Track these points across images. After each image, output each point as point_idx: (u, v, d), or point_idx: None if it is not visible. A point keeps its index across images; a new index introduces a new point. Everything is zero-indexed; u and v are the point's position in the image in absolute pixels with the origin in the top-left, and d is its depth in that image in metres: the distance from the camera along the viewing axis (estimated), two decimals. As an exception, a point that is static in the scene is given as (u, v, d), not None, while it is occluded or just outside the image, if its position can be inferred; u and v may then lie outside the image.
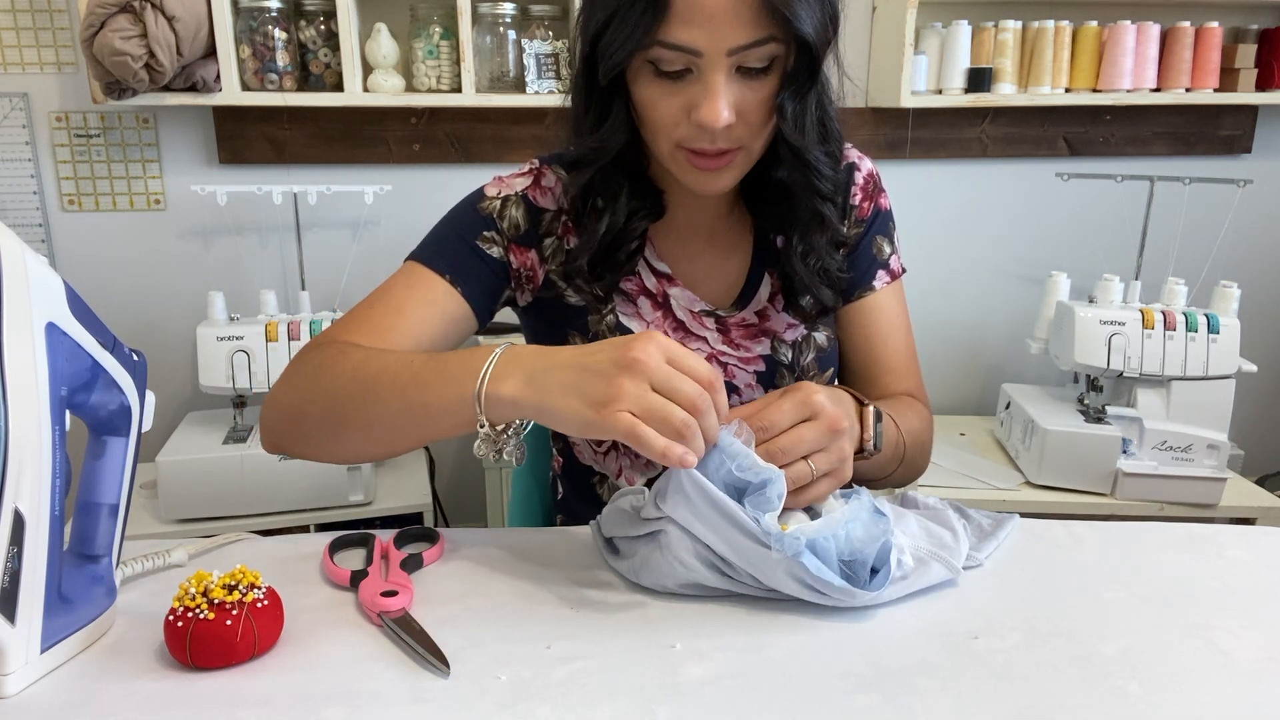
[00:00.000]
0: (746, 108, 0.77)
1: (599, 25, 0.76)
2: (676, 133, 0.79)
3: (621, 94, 0.81)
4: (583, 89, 0.82)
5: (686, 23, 0.72)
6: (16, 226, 1.92)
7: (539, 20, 1.89)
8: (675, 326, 0.93)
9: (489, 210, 0.91)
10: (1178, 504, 1.77)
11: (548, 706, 0.56)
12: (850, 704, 0.56)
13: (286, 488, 1.70)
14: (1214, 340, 1.74)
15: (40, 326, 0.55)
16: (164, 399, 2.03)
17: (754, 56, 0.74)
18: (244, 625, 0.59)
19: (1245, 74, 2.06)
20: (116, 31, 1.60)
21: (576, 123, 0.85)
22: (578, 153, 0.86)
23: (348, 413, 0.75)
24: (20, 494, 0.54)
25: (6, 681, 0.56)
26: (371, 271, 2.04)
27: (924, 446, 0.95)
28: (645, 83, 0.78)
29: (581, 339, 0.92)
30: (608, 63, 0.77)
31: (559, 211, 0.92)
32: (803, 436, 0.68)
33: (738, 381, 0.93)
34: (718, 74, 0.74)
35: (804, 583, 0.64)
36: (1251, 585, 0.72)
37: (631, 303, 0.92)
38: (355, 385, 0.75)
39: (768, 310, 0.94)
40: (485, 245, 0.90)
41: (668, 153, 0.82)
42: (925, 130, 2.14)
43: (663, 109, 0.78)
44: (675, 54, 0.74)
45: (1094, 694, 0.58)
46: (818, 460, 0.69)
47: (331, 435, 0.77)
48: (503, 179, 0.94)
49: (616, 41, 0.75)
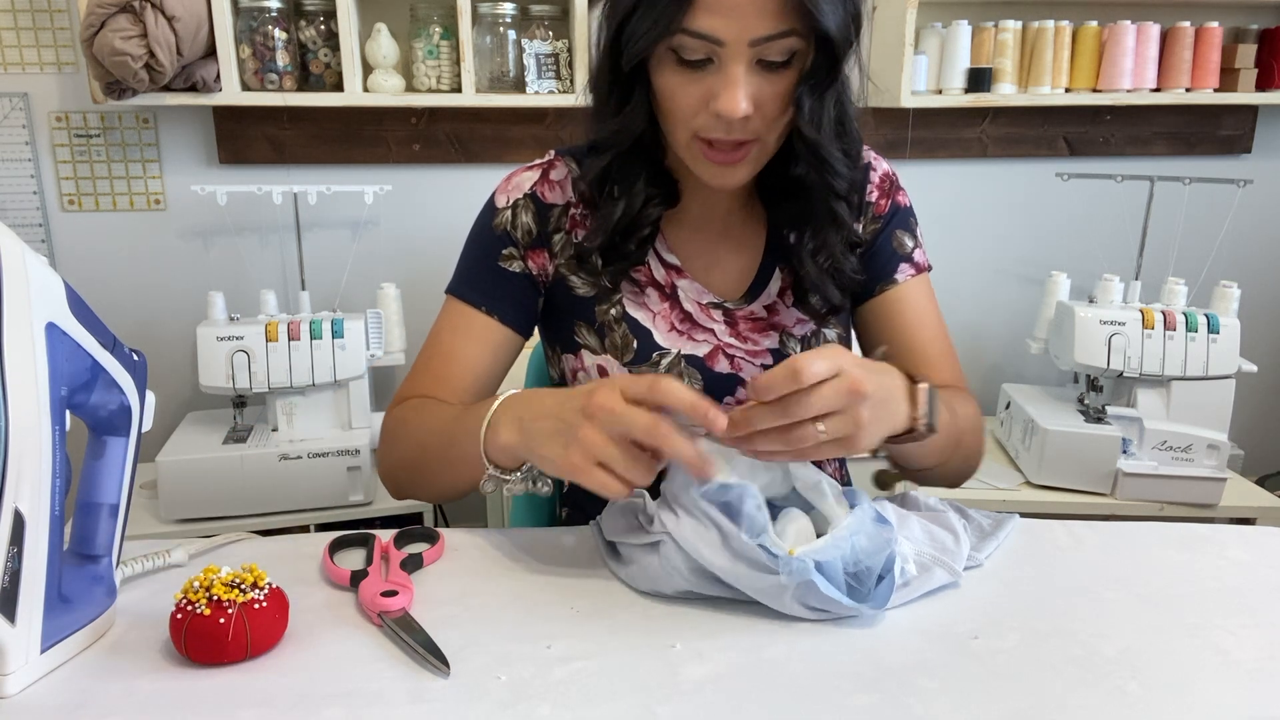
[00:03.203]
0: (764, 100, 0.78)
1: (625, 11, 0.77)
2: (695, 122, 0.80)
3: (643, 82, 0.82)
4: (605, 75, 0.84)
5: (711, 12, 0.73)
6: (16, 226, 1.92)
7: (539, 20, 1.89)
8: (683, 318, 0.93)
9: (502, 227, 0.93)
10: (1178, 504, 1.76)
11: (548, 706, 0.56)
12: (850, 704, 0.56)
13: (286, 488, 1.70)
14: (1214, 340, 1.74)
15: (40, 326, 0.55)
16: (164, 399, 2.03)
17: (775, 49, 0.75)
18: (236, 625, 0.59)
19: (1245, 74, 2.06)
20: (116, 31, 1.60)
21: (597, 109, 0.87)
22: (597, 137, 0.87)
23: (422, 469, 0.85)
24: (20, 494, 0.54)
25: (6, 681, 0.56)
26: (371, 271, 2.04)
27: (979, 437, 0.92)
28: (667, 71, 0.79)
29: (588, 328, 0.93)
30: (632, 49, 0.78)
31: (566, 205, 0.93)
32: (822, 394, 0.65)
33: (745, 374, 0.93)
34: (738, 64, 0.75)
35: (809, 605, 0.64)
36: (1251, 585, 0.72)
37: (640, 293, 0.93)
38: (419, 448, 0.85)
39: (777, 305, 0.95)
40: (506, 264, 0.93)
41: (684, 142, 0.83)
42: (925, 130, 2.14)
43: (682, 98, 0.79)
44: (698, 42, 0.75)
45: (1094, 694, 0.58)
46: (831, 423, 0.66)
47: (424, 486, 0.88)
48: (511, 179, 0.95)
49: (642, 28, 0.76)
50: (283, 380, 1.69)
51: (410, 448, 0.86)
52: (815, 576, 0.63)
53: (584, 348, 0.94)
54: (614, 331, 0.93)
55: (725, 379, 0.92)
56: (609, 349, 0.93)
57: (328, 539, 0.76)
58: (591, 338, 0.93)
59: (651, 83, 0.81)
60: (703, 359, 0.92)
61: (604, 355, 0.93)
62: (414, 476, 0.87)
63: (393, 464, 0.90)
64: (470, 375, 0.91)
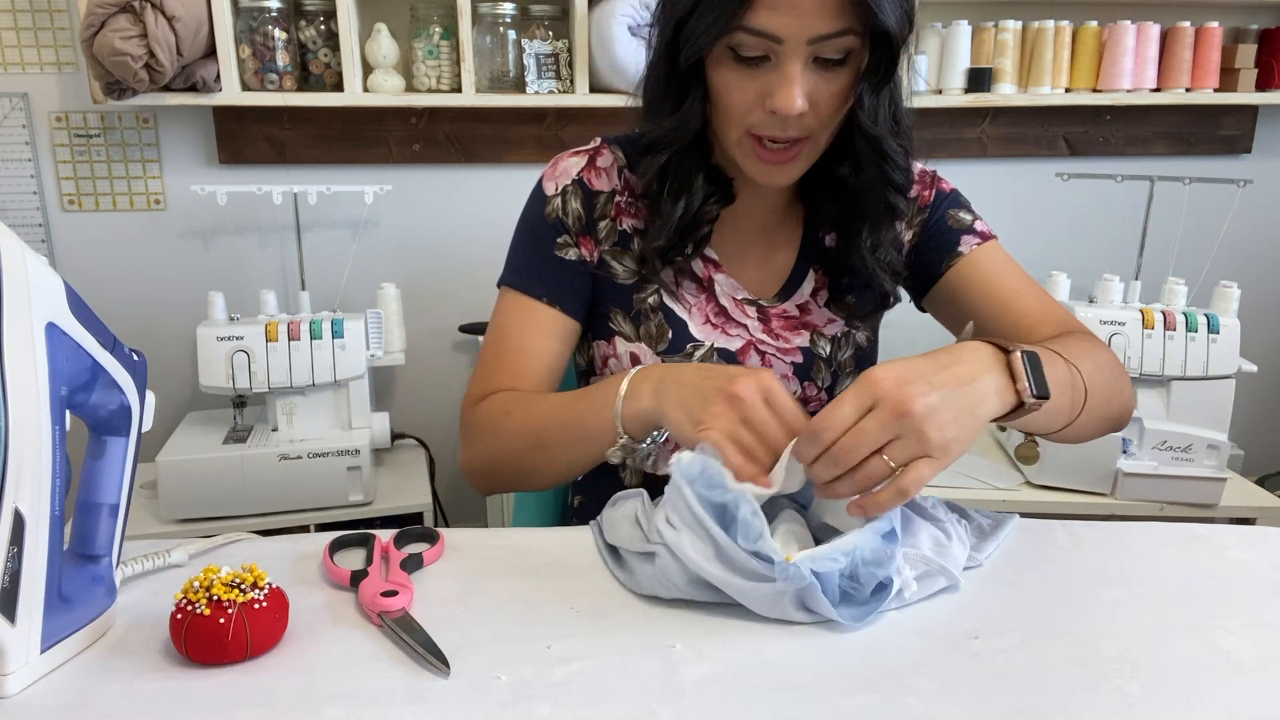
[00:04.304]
0: (819, 98, 0.79)
1: (686, 10, 0.78)
2: (749, 119, 0.81)
3: (698, 80, 0.83)
4: (662, 73, 0.84)
5: (771, 9, 0.74)
6: (16, 226, 1.92)
7: (539, 20, 1.89)
8: (717, 312, 0.94)
9: (554, 215, 0.94)
10: (1178, 504, 1.76)
11: (548, 706, 0.56)
12: (850, 704, 0.56)
13: (286, 488, 1.70)
14: (1214, 340, 1.74)
15: (40, 326, 0.55)
16: (164, 399, 2.03)
17: (832, 47, 0.76)
18: (236, 625, 0.58)
19: (1245, 74, 2.06)
20: (116, 31, 1.60)
21: (652, 107, 0.88)
22: (654, 135, 0.88)
23: (531, 461, 0.86)
24: (20, 494, 0.54)
25: (6, 681, 0.56)
26: (371, 271, 2.04)
27: (1117, 373, 0.85)
28: (724, 68, 0.80)
29: (623, 316, 0.95)
30: (691, 46, 0.79)
31: (612, 193, 0.94)
32: (865, 431, 0.62)
33: (775, 371, 0.94)
34: (795, 62, 0.76)
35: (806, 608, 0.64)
36: (1251, 585, 0.72)
37: (678, 284, 0.94)
38: (528, 437, 0.86)
39: (809, 305, 0.96)
40: (562, 252, 0.94)
41: (736, 140, 0.84)
42: (925, 130, 2.13)
43: (738, 94, 0.80)
44: (757, 40, 0.76)
45: (1094, 694, 0.58)
46: (894, 451, 0.63)
47: (525, 478, 0.89)
48: (558, 164, 0.96)
49: (702, 25, 0.77)
50: (283, 380, 1.69)
51: (521, 437, 0.86)
52: (811, 583, 0.62)
53: (618, 334, 0.95)
54: (650, 320, 0.93)
55: None
56: (643, 337, 0.94)
57: (328, 539, 0.76)
58: (626, 325, 0.94)
59: (707, 81, 0.82)
60: (735, 353, 0.94)
61: (638, 343, 0.94)
62: (523, 466, 0.87)
63: (492, 457, 0.89)
64: (545, 367, 0.93)
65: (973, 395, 0.66)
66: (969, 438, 0.65)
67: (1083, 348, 0.81)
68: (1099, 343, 0.86)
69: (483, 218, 2.08)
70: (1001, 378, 0.68)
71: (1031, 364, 0.69)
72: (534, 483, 0.90)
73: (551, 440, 0.84)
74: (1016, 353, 0.69)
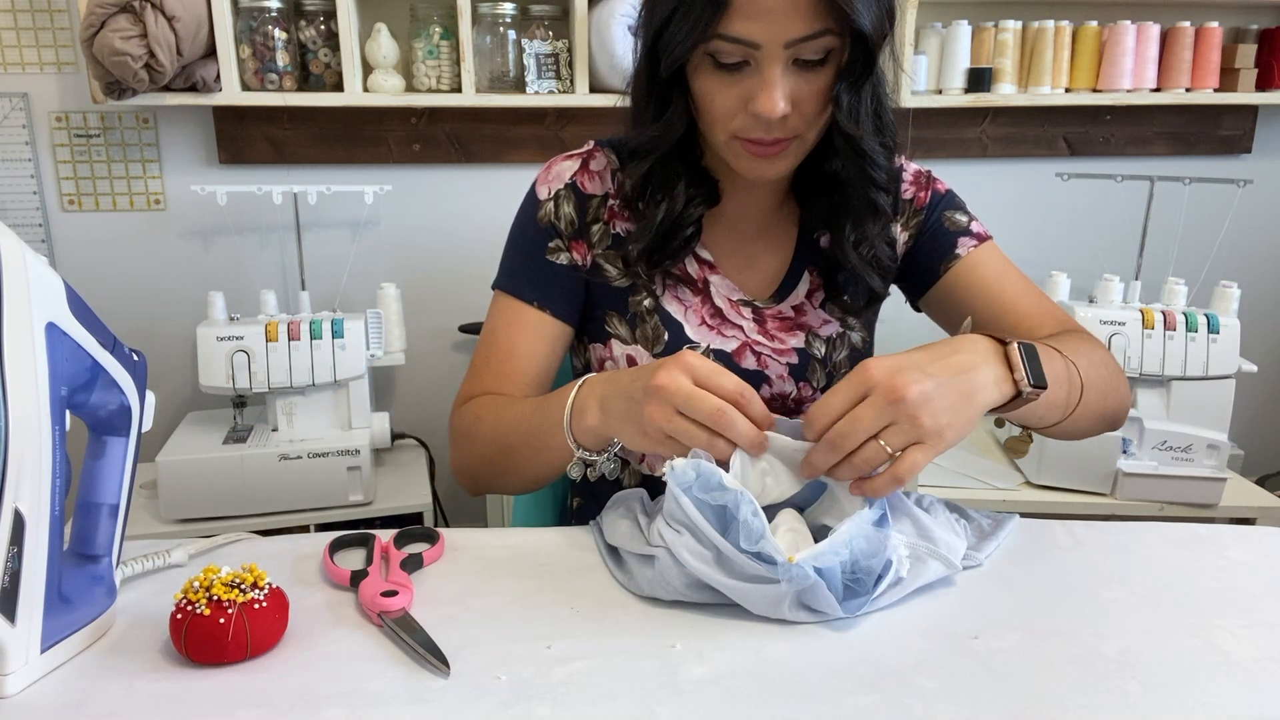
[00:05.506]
0: (802, 98, 0.79)
1: (662, 19, 0.78)
2: (733, 124, 0.81)
3: (681, 86, 0.83)
4: (644, 81, 0.85)
5: (746, 16, 0.74)
6: (16, 226, 1.92)
7: (539, 20, 1.89)
8: (713, 313, 0.94)
9: (546, 219, 0.94)
10: (1178, 504, 1.76)
11: (548, 706, 0.56)
12: (850, 704, 0.56)
13: (286, 488, 1.70)
14: (1214, 340, 1.74)
15: (40, 326, 0.55)
16: (164, 399, 2.03)
17: (810, 49, 0.76)
18: (236, 625, 0.58)
19: (1245, 74, 2.06)
20: (116, 31, 1.60)
21: (636, 114, 0.88)
22: (638, 143, 0.88)
23: (503, 464, 0.87)
24: (20, 494, 0.54)
25: (6, 681, 0.56)
26: (371, 271, 2.04)
27: (1114, 371, 0.85)
28: (704, 75, 0.80)
29: (619, 318, 0.95)
30: (670, 55, 0.79)
31: (605, 196, 0.94)
32: (860, 416, 0.64)
33: (770, 372, 0.94)
34: (774, 66, 0.76)
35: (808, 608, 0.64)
36: (1251, 585, 0.72)
37: (674, 287, 0.94)
38: (498, 443, 0.87)
39: (804, 305, 0.96)
40: (554, 256, 0.94)
41: (724, 142, 0.84)
42: (925, 130, 2.14)
43: (720, 101, 0.80)
44: (734, 46, 0.76)
45: (1094, 694, 0.58)
46: (890, 437, 0.64)
47: (502, 481, 0.90)
48: (551, 167, 0.96)
49: (679, 35, 0.77)
50: (283, 380, 1.69)
51: (491, 443, 0.87)
52: (816, 582, 0.62)
53: (614, 337, 0.95)
54: (646, 323, 0.93)
55: (752, 375, 0.93)
56: (640, 340, 0.94)
57: (328, 539, 0.76)
58: (622, 328, 0.94)
59: (689, 87, 0.82)
60: (730, 354, 0.93)
61: (634, 345, 0.94)
62: (497, 471, 0.89)
63: (471, 461, 0.91)
64: (531, 371, 0.93)
65: (969, 383, 0.67)
66: (964, 424, 0.66)
67: (1080, 345, 0.83)
68: (1096, 341, 0.87)
69: (483, 218, 2.08)
70: (999, 367, 0.70)
71: (1029, 355, 0.71)
72: (510, 487, 0.91)
73: (515, 449, 0.85)
74: (1014, 344, 0.71)
